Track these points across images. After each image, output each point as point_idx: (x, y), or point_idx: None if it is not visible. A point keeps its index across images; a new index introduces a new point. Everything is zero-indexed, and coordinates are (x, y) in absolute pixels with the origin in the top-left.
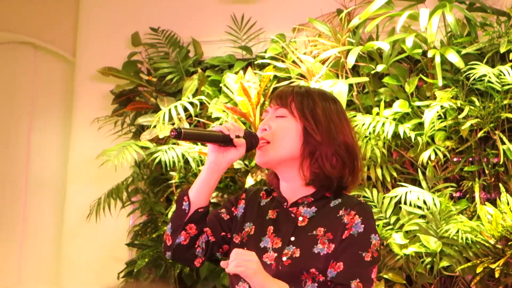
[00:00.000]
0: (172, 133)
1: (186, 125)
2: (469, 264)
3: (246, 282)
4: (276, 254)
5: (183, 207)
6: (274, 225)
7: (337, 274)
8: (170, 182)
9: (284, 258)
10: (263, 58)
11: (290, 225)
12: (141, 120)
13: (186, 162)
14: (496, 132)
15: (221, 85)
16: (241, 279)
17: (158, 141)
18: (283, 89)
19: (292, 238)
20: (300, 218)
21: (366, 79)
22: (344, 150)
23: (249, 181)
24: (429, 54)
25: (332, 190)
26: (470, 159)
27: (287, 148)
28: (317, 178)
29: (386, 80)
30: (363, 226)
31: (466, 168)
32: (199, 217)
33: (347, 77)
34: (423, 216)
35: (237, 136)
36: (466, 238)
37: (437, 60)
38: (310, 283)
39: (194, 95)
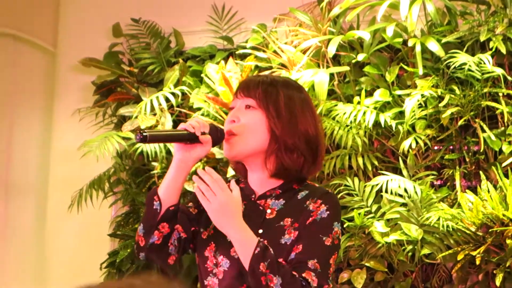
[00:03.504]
0: (138, 137)
1: (168, 116)
2: (450, 251)
3: (215, 276)
4: None
5: (154, 207)
6: None
7: (295, 255)
8: (152, 172)
9: None
10: (244, 48)
11: (258, 218)
12: (123, 111)
13: (168, 152)
14: (477, 120)
15: (202, 75)
16: (209, 274)
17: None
18: (250, 79)
19: (260, 231)
20: (268, 211)
21: (347, 68)
22: (303, 142)
23: (231, 171)
24: (410, 43)
25: (298, 181)
26: (451, 147)
27: (256, 141)
28: (279, 170)
29: (367, 69)
30: (328, 213)
31: (446, 156)
32: (170, 216)
33: (328, 67)
34: (404, 204)
35: (203, 133)
36: (447, 226)
37: (418, 49)
38: None
39: (175, 86)
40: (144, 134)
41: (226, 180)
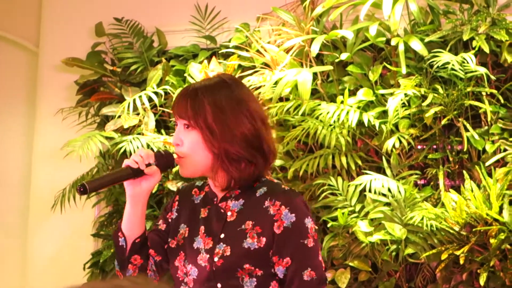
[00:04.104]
0: (78, 191)
1: (151, 115)
2: (434, 251)
3: (187, 285)
4: (208, 255)
5: (120, 244)
6: (205, 224)
7: (287, 270)
8: None
9: (216, 258)
10: (227, 47)
11: (219, 223)
12: (106, 111)
13: (152, 151)
14: (460, 119)
15: (185, 74)
16: (181, 284)
17: (123, 131)
18: (178, 98)
19: (222, 235)
20: (229, 213)
21: (330, 67)
22: (245, 148)
23: None
24: (393, 42)
25: (256, 179)
26: (434, 146)
27: (201, 162)
28: (229, 183)
29: (350, 68)
30: (293, 215)
31: (430, 156)
32: (138, 247)
33: (311, 66)
34: (388, 204)
35: (148, 164)
36: (431, 225)
37: (401, 48)
38: (248, 279)
39: (158, 85)
40: (84, 186)
41: (180, 191)
